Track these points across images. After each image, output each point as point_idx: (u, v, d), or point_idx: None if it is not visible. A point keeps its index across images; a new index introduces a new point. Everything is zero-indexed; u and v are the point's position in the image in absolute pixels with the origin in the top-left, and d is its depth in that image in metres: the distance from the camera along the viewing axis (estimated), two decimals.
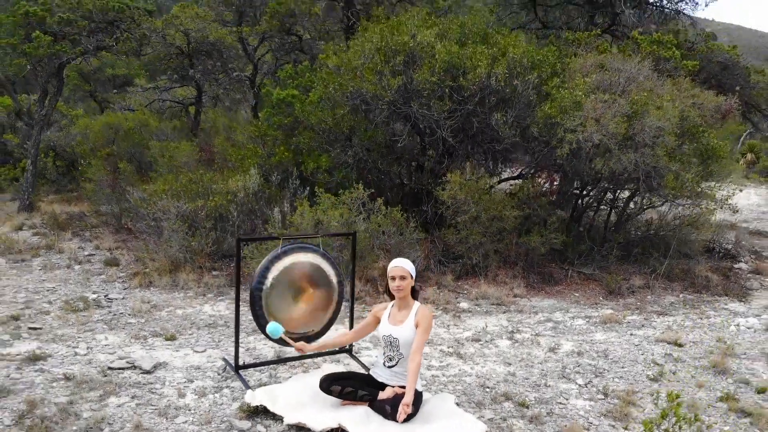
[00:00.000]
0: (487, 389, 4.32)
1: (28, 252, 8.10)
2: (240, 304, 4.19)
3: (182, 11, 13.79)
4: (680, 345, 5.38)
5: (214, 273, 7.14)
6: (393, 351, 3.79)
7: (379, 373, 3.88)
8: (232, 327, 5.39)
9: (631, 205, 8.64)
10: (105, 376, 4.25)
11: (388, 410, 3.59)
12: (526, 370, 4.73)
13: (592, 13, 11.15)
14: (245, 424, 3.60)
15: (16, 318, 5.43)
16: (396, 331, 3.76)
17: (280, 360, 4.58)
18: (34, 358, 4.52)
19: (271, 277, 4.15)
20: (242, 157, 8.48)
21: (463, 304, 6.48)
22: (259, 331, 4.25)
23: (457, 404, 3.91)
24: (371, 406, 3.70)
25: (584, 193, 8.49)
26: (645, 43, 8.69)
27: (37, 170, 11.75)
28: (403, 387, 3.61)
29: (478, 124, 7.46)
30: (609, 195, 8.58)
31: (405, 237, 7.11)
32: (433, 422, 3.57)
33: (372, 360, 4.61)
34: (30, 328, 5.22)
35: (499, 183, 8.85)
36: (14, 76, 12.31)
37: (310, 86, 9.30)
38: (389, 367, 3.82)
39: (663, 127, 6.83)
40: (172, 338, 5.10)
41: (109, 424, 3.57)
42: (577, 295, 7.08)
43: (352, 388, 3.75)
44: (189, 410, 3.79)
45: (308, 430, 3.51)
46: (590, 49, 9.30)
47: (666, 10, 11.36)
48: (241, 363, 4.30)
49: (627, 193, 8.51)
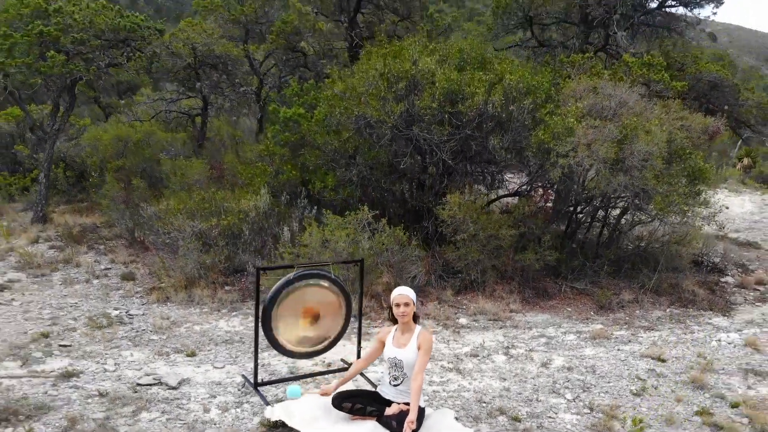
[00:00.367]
0: (484, 404, 4.73)
1: (47, 266, 8.50)
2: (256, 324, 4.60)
3: (189, 26, 14.24)
4: (663, 360, 5.79)
5: (226, 288, 7.55)
6: (398, 371, 4.20)
7: (386, 391, 4.28)
8: (248, 343, 5.85)
9: (623, 221, 9.05)
10: (135, 392, 4.66)
11: (394, 425, 3.99)
12: (520, 385, 5.14)
13: (587, 32, 11.59)
14: None
15: (46, 335, 5.84)
16: (400, 353, 4.16)
17: (295, 377, 4.99)
18: (67, 375, 4.93)
19: (285, 300, 4.57)
20: (252, 175, 8.89)
21: (462, 320, 6.89)
22: (272, 348, 4.69)
23: (457, 419, 4.32)
24: (379, 421, 4.11)
25: (578, 209, 8.91)
26: (636, 66, 9.11)
27: (49, 182, 12.16)
28: (408, 404, 4.02)
29: (476, 146, 7.88)
30: (601, 212, 8.99)
31: (407, 254, 7.52)
32: None
33: (378, 376, 5.01)
34: (60, 345, 5.63)
35: (497, 200, 9.27)
36: (21, 88, 12.62)
37: (316, 104, 9.72)
38: (395, 385, 4.22)
39: (651, 152, 7.25)
40: (192, 354, 5.52)
41: None
42: (569, 310, 7.49)
43: (361, 404, 4.16)
44: (215, 424, 4.20)
45: None
46: (584, 70, 9.72)
47: (659, 29, 11.78)
48: (259, 380, 4.71)
49: (618, 211, 8.93)
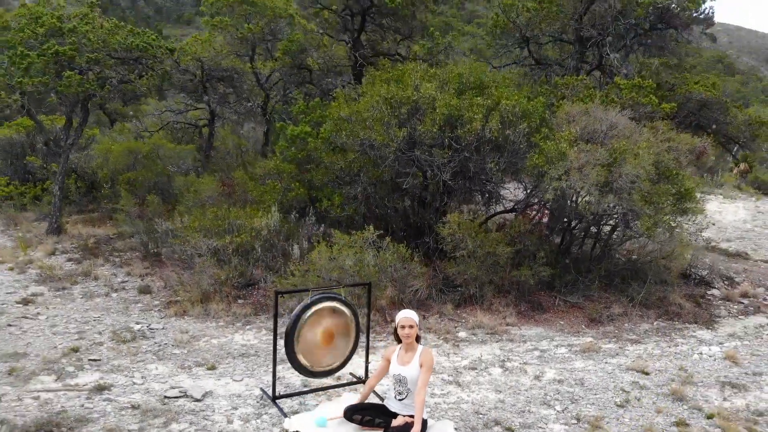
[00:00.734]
0: (480, 415, 5.20)
1: (66, 279, 8.97)
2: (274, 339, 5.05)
3: (196, 42, 14.72)
4: (647, 373, 6.27)
5: (239, 302, 8.02)
6: (402, 387, 4.67)
7: (392, 405, 4.75)
8: (263, 356, 6.32)
9: (614, 236, 9.52)
10: (164, 404, 5.13)
11: None
12: (514, 397, 5.61)
13: (582, 51, 12.07)
14: None
15: (75, 350, 6.31)
16: (404, 370, 4.64)
17: (310, 390, 5.46)
18: (100, 388, 5.39)
19: (304, 324, 5.04)
20: (262, 192, 9.37)
21: (462, 333, 7.37)
22: (293, 369, 5.14)
23: (456, 429, 4.78)
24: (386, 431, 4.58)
25: (571, 226, 9.38)
26: (626, 89, 9.58)
27: (63, 194, 12.63)
28: (412, 416, 4.49)
29: (474, 168, 8.36)
30: (593, 229, 9.46)
31: (409, 270, 7.99)
32: None
33: (384, 389, 5.47)
34: (90, 359, 6.10)
35: (495, 215, 9.75)
36: (36, 106, 13.06)
37: (322, 121, 10.20)
38: (399, 400, 4.69)
39: (639, 174, 7.71)
40: (212, 368, 5.98)
41: None
42: (562, 323, 7.96)
43: (370, 417, 4.64)
44: None
45: None
46: (578, 90, 10.20)
47: (651, 48, 12.25)
48: (276, 393, 5.17)
49: (609, 228, 9.40)
